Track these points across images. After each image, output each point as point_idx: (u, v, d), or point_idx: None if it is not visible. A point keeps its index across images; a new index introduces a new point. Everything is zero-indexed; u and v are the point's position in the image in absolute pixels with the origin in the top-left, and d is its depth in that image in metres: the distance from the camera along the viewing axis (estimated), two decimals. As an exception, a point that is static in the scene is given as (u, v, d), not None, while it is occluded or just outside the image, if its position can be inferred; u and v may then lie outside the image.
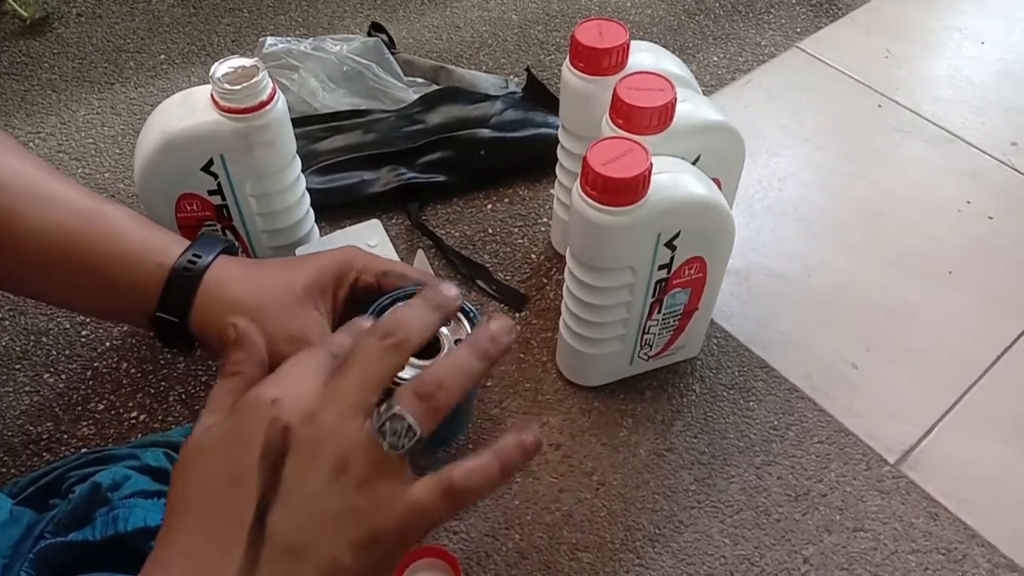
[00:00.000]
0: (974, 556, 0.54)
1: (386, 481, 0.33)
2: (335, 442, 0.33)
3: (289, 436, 0.33)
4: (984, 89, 0.86)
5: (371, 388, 0.34)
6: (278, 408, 0.33)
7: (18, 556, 0.42)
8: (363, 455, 0.33)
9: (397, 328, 0.35)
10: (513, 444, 0.35)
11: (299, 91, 0.77)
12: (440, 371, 0.35)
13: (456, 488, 0.34)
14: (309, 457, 0.33)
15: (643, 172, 0.48)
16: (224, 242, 0.50)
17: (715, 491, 0.56)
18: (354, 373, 0.34)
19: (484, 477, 0.34)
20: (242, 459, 0.33)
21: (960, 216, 0.75)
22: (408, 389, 0.34)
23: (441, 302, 0.37)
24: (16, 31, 0.88)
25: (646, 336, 0.58)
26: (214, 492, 0.33)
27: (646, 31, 0.91)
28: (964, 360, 0.65)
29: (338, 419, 0.33)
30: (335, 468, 0.33)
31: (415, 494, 0.33)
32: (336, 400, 0.34)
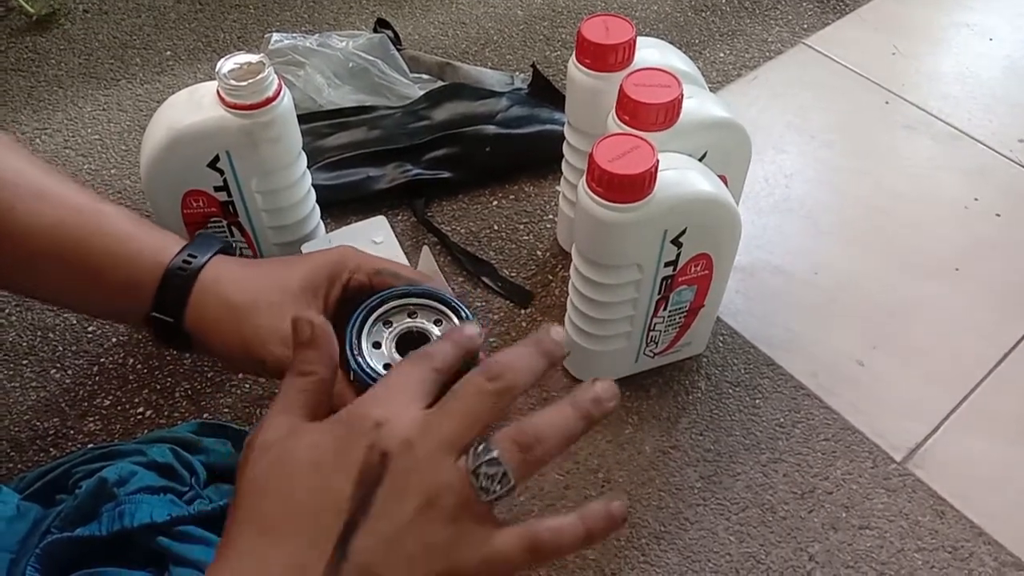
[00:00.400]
0: (980, 554, 0.54)
1: (472, 522, 0.33)
2: (429, 475, 0.33)
3: (386, 463, 0.33)
4: (992, 85, 0.86)
5: (470, 428, 0.34)
6: (379, 433, 0.33)
7: (25, 551, 0.42)
8: (454, 493, 0.33)
9: (506, 373, 0.35)
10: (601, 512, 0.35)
11: (305, 87, 0.77)
12: (541, 423, 0.34)
13: (541, 545, 0.34)
14: (402, 487, 0.33)
15: (649, 169, 0.48)
16: (221, 242, 0.50)
17: (721, 488, 0.56)
18: (456, 409, 0.34)
19: (570, 538, 0.34)
20: (339, 477, 0.33)
21: (967, 213, 0.74)
22: (508, 437, 0.34)
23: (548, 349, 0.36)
24: (23, 27, 0.88)
25: (652, 333, 0.58)
26: (305, 505, 0.33)
27: (652, 27, 0.90)
28: (971, 358, 0.64)
29: (434, 453, 0.33)
30: (425, 501, 0.33)
31: (499, 541, 0.33)
32: (435, 433, 0.34)
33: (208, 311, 0.48)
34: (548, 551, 0.34)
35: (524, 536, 0.34)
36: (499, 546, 0.33)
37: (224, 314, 0.48)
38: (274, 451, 0.34)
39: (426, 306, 0.47)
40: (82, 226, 0.49)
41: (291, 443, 0.34)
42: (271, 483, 0.34)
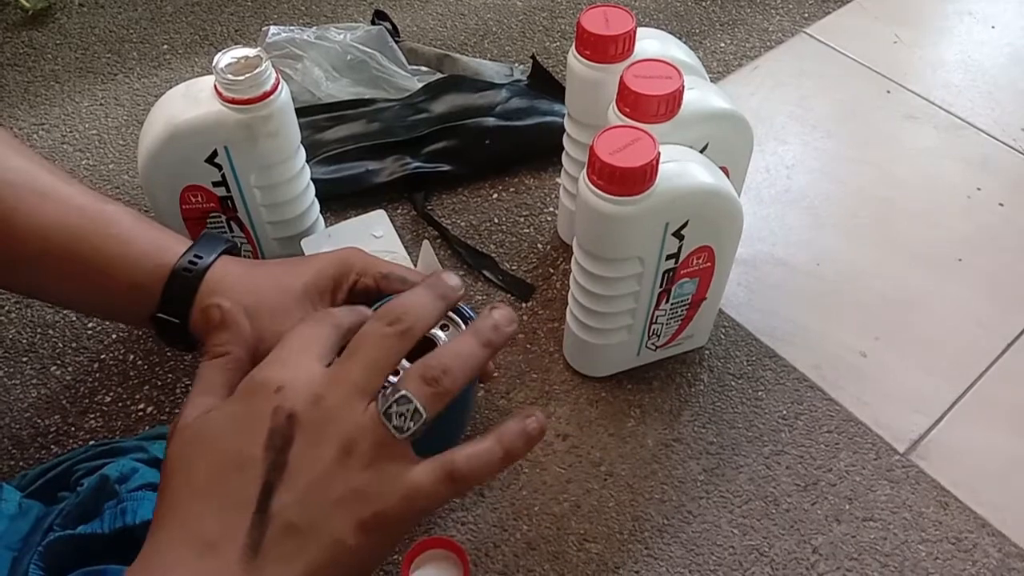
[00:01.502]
0: (984, 545, 0.54)
1: (391, 463, 0.34)
2: (341, 424, 0.33)
3: (294, 422, 0.33)
4: (994, 74, 0.85)
5: (377, 372, 0.35)
6: (282, 396, 0.34)
7: (27, 549, 0.42)
8: (369, 437, 0.33)
9: (405, 315, 0.36)
10: (516, 429, 0.36)
11: (303, 81, 0.76)
12: (444, 357, 0.35)
13: (458, 472, 0.34)
14: (315, 440, 0.33)
15: (650, 161, 0.48)
16: (226, 242, 0.50)
17: (724, 481, 0.56)
18: (360, 356, 0.35)
19: (486, 462, 0.35)
20: (247, 446, 0.33)
21: (970, 203, 0.74)
22: (414, 373, 0.35)
23: (444, 292, 0.37)
24: (19, 22, 0.87)
25: (654, 326, 0.58)
26: (219, 477, 0.33)
27: (652, 18, 0.90)
28: (974, 349, 0.64)
29: (344, 402, 0.34)
30: (341, 450, 0.33)
31: (418, 476, 0.34)
32: (342, 383, 0.34)
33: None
34: (467, 478, 0.35)
35: (441, 467, 0.34)
36: (419, 481, 0.34)
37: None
38: (189, 430, 0.35)
39: None
40: (85, 226, 0.48)
41: (203, 420, 0.35)
42: (187, 461, 0.34)
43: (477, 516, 0.54)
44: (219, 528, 0.32)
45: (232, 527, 0.32)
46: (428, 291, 0.37)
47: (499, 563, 0.52)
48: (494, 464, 0.35)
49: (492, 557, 0.52)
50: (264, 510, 0.32)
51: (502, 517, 0.54)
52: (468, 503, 0.54)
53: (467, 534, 0.53)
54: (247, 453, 0.33)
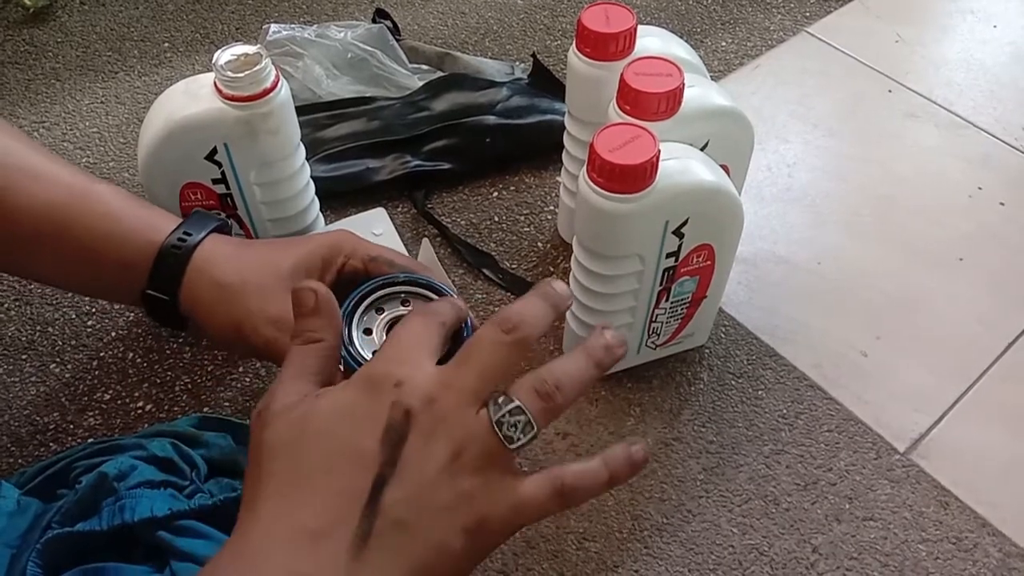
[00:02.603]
0: (985, 545, 0.54)
1: (499, 471, 0.34)
2: (454, 428, 0.34)
3: (410, 419, 0.33)
4: (996, 73, 0.85)
5: (490, 379, 0.35)
6: (401, 391, 0.34)
7: (26, 546, 0.42)
8: (479, 444, 0.34)
9: (522, 323, 0.35)
10: (622, 455, 0.36)
11: (303, 78, 0.76)
12: (558, 372, 0.35)
13: (567, 488, 0.34)
14: (428, 440, 0.33)
15: (651, 159, 0.47)
16: (216, 220, 0.50)
17: (723, 480, 0.56)
18: (475, 362, 0.35)
19: (593, 481, 0.35)
20: (364, 437, 0.33)
21: (971, 202, 0.74)
22: (528, 386, 0.35)
23: (556, 301, 0.37)
24: (20, 20, 0.87)
25: (654, 324, 0.58)
26: (331, 465, 0.33)
27: (653, 16, 0.90)
28: (975, 347, 0.64)
29: (457, 406, 0.34)
30: (452, 454, 0.33)
31: (527, 488, 0.34)
32: (457, 387, 0.34)
33: (201, 291, 0.48)
34: (574, 495, 0.35)
35: (551, 481, 0.34)
36: (527, 493, 0.34)
37: (215, 295, 0.48)
38: (295, 413, 0.34)
39: (419, 294, 0.47)
40: (76, 205, 0.49)
41: (312, 405, 0.34)
42: (295, 444, 0.34)
43: (476, 514, 0.54)
44: (327, 517, 0.32)
45: (342, 517, 0.32)
46: (542, 300, 0.37)
47: (498, 562, 0.52)
48: (600, 485, 0.35)
49: (491, 556, 0.52)
50: (375, 503, 0.32)
51: (501, 515, 0.54)
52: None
53: (466, 532, 0.53)
54: (363, 445, 0.33)
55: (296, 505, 0.33)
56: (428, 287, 0.47)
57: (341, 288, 0.49)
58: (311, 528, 0.32)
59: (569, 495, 0.35)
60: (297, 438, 0.34)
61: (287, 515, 0.32)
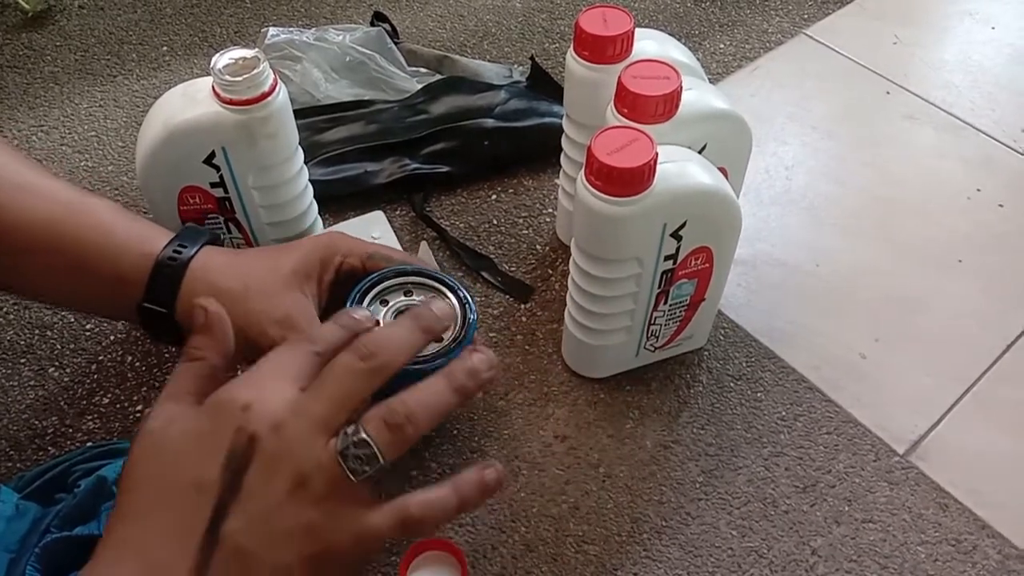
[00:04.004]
0: (984, 547, 0.54)
1: (343, 502, 0.34)
2: (298, 457, 0.33)
3: (255, 445, 0.33)
4: (995, 74, 0.85)
5: (341, 408, 0.34)
6: (247, 416, 0.33)
7: (24, 550, 0.42)
8: (324, 474, 0.33)
9: (379, 351, 0.35)
10: (474, 480, 0.36)
11: (302, 82, 0.76)
12: (411, 402, 0.35)
13: (411, 519, 0.34)
14: (271, 469, 0.33)
15: (648, 161, 0.47)
16: (209, 233, 0.51)
17: (722, 483, 0.56)
18: (327, 389, 0.35)
19: (440, 510, 0.35)
20: (206, 463, 0.33)
21: (970, 204, 0.74)
22: (378, 416, 0.34)
23: (428, 324, 0.37)
24: (18, 24, 0.87)
25: (652, 327, 0.58)
26: (174, 492, 0.33)
27: (651, 18, 0.90)
28: (974, 349, 0.64)
29: (304, 434, 0.34)
30: (295, 483, 0.33)
31: (371, 520, 0.34)
32: (305, 415, 0.34)
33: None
34: (420, 524, 0.35)
35: (395, 512, 0.34)
36: (370, 524, 0.34)
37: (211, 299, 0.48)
38: (150, 439, 0.34)
39: (422, 284, 0.48)
40: (69, 220, 0.49)
41: (165, 431, 0.34)
42: (144, 471, 0.34)
43: (475, 518, 0.54)
44: (168, 549, 0.32)
45: (180, 549, 0.32)
46: (410, 322, 0.37)
47: (497, 565, 0.52)
48: (448, 512, 0.35)
49: (490, 559, 0.52)
50: (214, 532, 0.32)
51: (500, 519, 0.54)
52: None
53: (465, 536, 0.53)
54: (204, 472, 0.33)
55: (140, 538, 0.33)
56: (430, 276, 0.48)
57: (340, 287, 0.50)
58: (151, 561, 0.32)
59: (414, 526, 0.35)
60: (147, 465, 0.34)
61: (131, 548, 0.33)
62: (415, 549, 0.50)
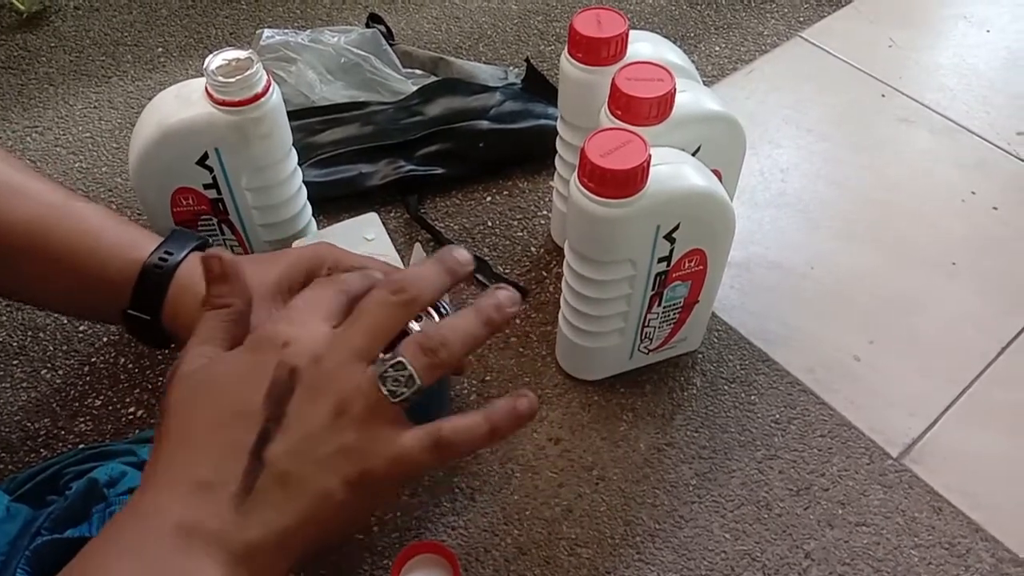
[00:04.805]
0: (978, 550, 0.54)
1: (381, 425, 0.35)
2: (338, 384, 0.35)
3: (295, 376, 0.35)
4: (990, 78, 0.85)
5: (377, 338, 0.36)
6: (287, 351, 0.35)
7: (15, 553, 0.42)
8: (363, 398, 0.35)
9: (409, 286, 0.37)
10: (506, 408, 0.37)
11: (296, 83, 0.76)
12: (444, 329, 0.37)
13: (444, 441, 0.36)
14: (312, 396, 0.35)
15: (642, 163, 0.47)
16: (197, 238, 0.51)
17: (716, 486, 0.56)
18: (363, 321, 0.37)
19: (471, 435, 0.36)
20: (250, 394, 0.35)
21: (964, 206, 0.74)
22: (413, 341, 0.36)
23: (452, 266, 0.38)
24: (13, 25, 0.87)
25: (646, 329, 0.58)
26: (219, 423, 0.35)
27: (647, 20, 0.90)
28: (968, 352, 0.64)
29: (343, 363, 0.35)
30: (335, 408, 0.35)
31: (406, 441, 0.35)
32: (343, 346, 0.36)
33: (185, 308, 0.48)
34: (451, 447, 0.36)
35: (428, 435, 0.36)
36: (406, 446, 0.35)
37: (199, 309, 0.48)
38: (194, 377, 0.36)
39: None
40: (57, 223, 0.49)
41: (208, 368, 0.36)
42: (190, 406, 0.36)
43: (468, 520, 0.54)
44: (214, 470, 0.34)
45: (227, 470, 0.34)
46: (436, 264, 0.38)
47: (490, 568, 0.52)
48: (479, 438, 0.37)
49: (483, 562, 0.52)
50: (259, 456, 0.34)
51: (493, 522, 0.54)
52: (459, 507, 0.54)
53: (457, 539, 0.53)
54: (248, 402, 0.34)
55: (186, 460, 0.34)
56: None
57: None
58: (198, 481, 0.34)
59: (446, 447, 0.36)
60: (191, 398, 0.36)
61: (178, 470, 0.34)
62: (407, 552, 0.50)
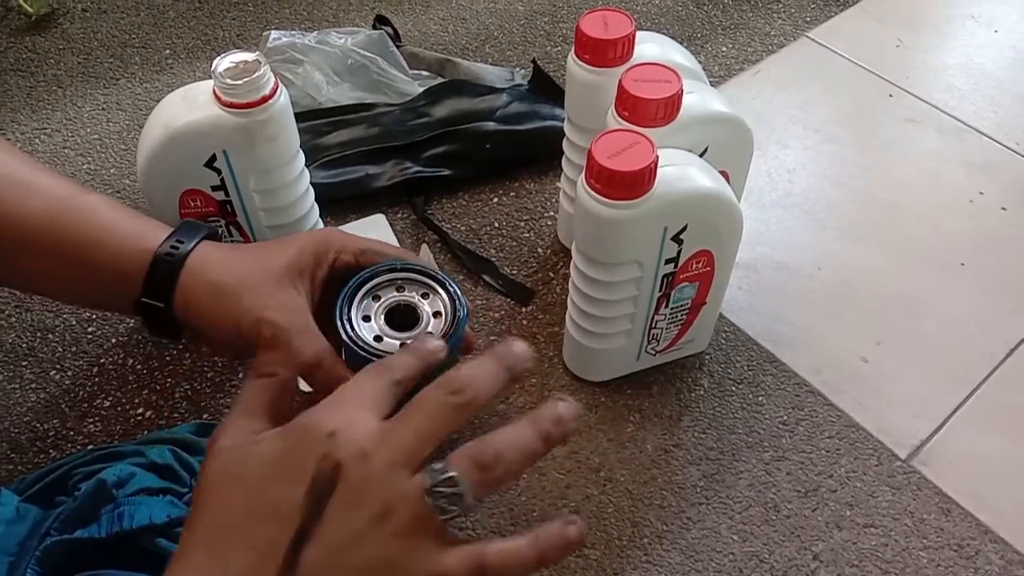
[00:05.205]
0: (987, 552, 0.53)
1: (424, 539, 0.33)
2: (383, 488, 0.33)
3: (339, 472, 0.33)
4: (998, 78, 0.85)
5: (429, 441, 0.34)
6: (333, 443, 0.33)
7: (24, 553, 0.42)
8: (408, 508, 0.33)
9: (467, 387, 0.35)
10: (556, 533, 0.35)
11: (303, 85, 0.76)
12: (501, 444, 0.34)
13: (489, 568, 0.33)
14: (355, 498, 0.33)
15: (649, 165, 0.47)
16: (207, 228, 0.51)
17: (723, 487, 0.56)
18: (415, 422, 0.34)
19: (519, 562, 0.34)
20: (290, 487, 0.33)
21: (972, 207, 0.74)
22: (467, 456, 0.34)
23: (512, 363, 0.36)
24: (22, 27, 0.88)
25: (653, 331, 0.58)
26: (256, 513, 0.33)
27: (653, 21, 0.90)
28: (976, 353, 0.64)
29: (390, 465, 0.33)
30: (378, 514, 0.33)
31: (448, 561, 0.33)
32: (392, 445, 0.34)
33: (196, 295, 0.48)
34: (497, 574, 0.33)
35: (472, 557, 0.33)
36: (446, 565, 0.33)
37: (212, 297, 0.48)
38: (228, 457, 0.34)
39: (414, 280, 0.48)
40: (67, 215, 0.49)
41: (245, 450, 0.34)
42: (226, 490, 0.34)
43: (475, 522, 0.54)
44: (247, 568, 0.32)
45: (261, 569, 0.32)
46: (495, 362, 0.36)
47: (497, 569, 0.52)
48: (527, 566, 0.34)
49: (490, 563, 0.52)
50: (294, 558, 0.32)
51: (500, 523, 0.54)
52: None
53: (465, 539, 0.53)
54: (288, 494, 0.33)
55: (219, 553, 0.32)
56: (422, 272, 0.48)
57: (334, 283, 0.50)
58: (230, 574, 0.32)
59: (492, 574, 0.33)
60: (229, 483, 0.34)
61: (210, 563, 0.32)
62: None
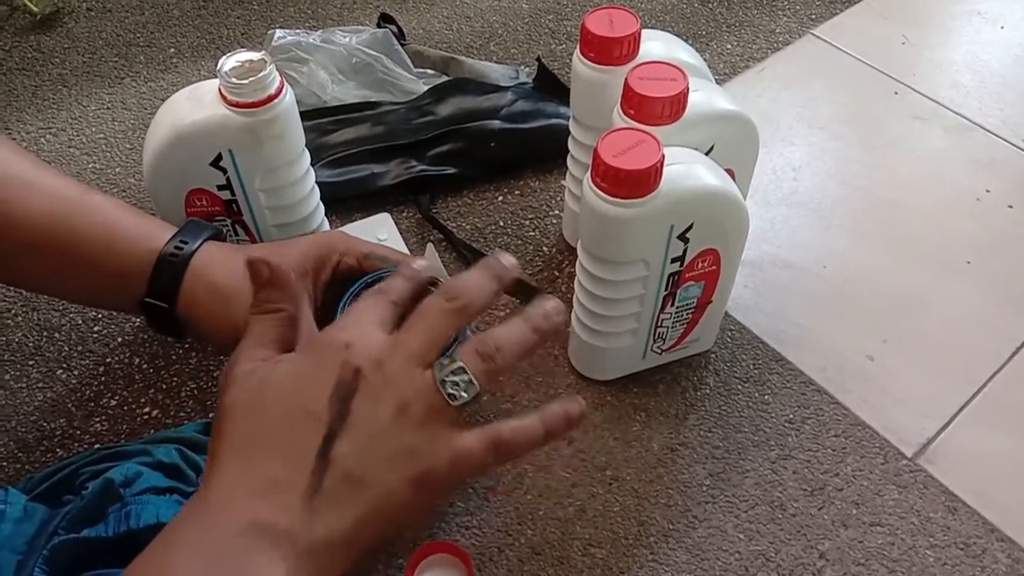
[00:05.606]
0: (993, 551, 0.53)
1: (441, 426, 0.37)
2: (400, 386, 0.37)
3: (359, 377, 0.36)
4: (1003, 74, 0.85)
5: (434, 342, 0.38)
6: (350, 352, 0.37)
7: (32, 552, 0.43)
8: (424, 400, 0.37)
9: (462, 293, 0.39)
10: (559, 411, 0.39)
11: (308, 84, 0.76)
12: (499, 337, 0.39)
13: (503, 442, 0.38)
14: (375, 397, 0.36)
15: (655, 163, 0.47)
16: (211, 228, 0.51)
17: (730, 486, 0.56)
18: (420, 327, 0.38)
19: (529, 436, 0.38)
20: (315, 394, 0.36)
21: (978, 205, 0.74)
22: (470, 348, 0.38)
23: (500, 272, 0.41)
24: (27, 26, 0.88)
25: (659, 329, 0.58)
26: (287, 421, 0.36)
27: (658, 19, 0.89)
28: (983, 351, 0.64)
29: (403, 367, 0.37)
30: (398, 409, 0.36)
31: (466, 441, 0.37)
32: (402, 350, 0.37)
33: (199, 296, 0.49)
34: (510, 448, 0.38)
35: (488, 435, 0.38)
36: (466, 445, 0.37)
37: (214, 299, 0.49)
38: (253, 377, 0.37)
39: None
40: (73, 215, 0.49)
41: (269, 370, 0.37)
42: (252, 406, 0.37)
43: (481, 520, 0.54)
44: (283, 469, 0.35)
45: (296, 469, 0.35)
46: (484, 271, 0.40)
47: (503, 568, 0.52)
48: (535, 439, 0.39)
49: (496, 562, 0.52)
50: (326, 455, 0.35)
51: (507, 522, 0.54)
52: (472, 507, 0.54)
53: (471, 539, 0.53)
54: (314, 401, 0.36)
55: (254, 461, 0.35)
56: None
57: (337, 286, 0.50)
58: (268, 480, 0.35)
59: (505, 447, 0.38)
60: (255, 400, 0.36)
61: (246, 470, 0.35)
62: (421, 552, 0.50)
